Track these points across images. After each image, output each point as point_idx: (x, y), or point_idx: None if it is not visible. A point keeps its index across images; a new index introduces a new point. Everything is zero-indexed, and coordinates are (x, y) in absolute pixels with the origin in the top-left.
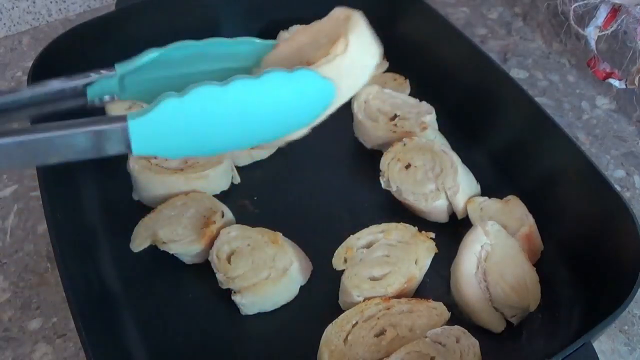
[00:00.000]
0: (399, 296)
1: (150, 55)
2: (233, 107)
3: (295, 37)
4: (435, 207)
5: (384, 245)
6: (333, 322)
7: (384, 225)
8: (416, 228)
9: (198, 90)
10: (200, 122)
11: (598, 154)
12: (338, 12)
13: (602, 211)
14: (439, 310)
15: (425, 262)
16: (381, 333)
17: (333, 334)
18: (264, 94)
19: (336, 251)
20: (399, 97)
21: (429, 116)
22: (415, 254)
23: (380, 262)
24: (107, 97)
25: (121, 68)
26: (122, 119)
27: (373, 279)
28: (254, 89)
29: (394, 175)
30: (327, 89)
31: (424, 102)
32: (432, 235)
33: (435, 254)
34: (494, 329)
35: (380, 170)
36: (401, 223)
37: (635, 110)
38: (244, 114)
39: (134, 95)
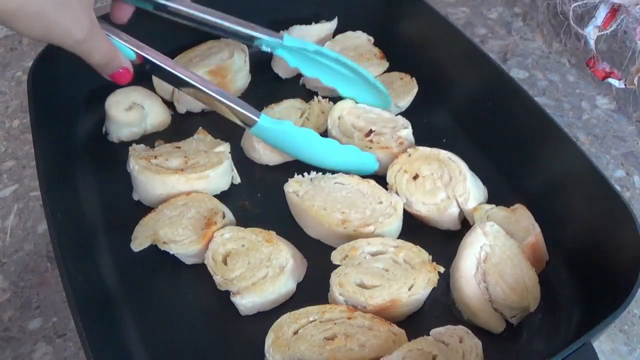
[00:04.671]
0: (377, 313)
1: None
2: (320, 146)
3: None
4: (448, 215)
5: (389, 260)
6: (292, 311)
7: (400, 242)
8: (430, 257)
9: (307, 130)
10: (297, 142)
11: (598, 154)
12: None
13: (602, 211)
14: (398, 337)
15: (421, 291)
16: (331, 338)
17: (286, 322)
18: (341, 153)
19: (341, 246)
20: (373, 111)
21: (405, 130)
22: (414, 280)
23: (376, 273)
24: (269, 50)
25: (287, 41)
26: (257, 114)
27: (361, 285)
28: (337, 148)
29: (403, 187)
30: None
31: (399, 117)
32: (441, 269)
33: (436, 254)
34: (494, 330)
35: (388, 184)
36: (417, 246)
37: (635, 110)
38: (323, 153)
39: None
